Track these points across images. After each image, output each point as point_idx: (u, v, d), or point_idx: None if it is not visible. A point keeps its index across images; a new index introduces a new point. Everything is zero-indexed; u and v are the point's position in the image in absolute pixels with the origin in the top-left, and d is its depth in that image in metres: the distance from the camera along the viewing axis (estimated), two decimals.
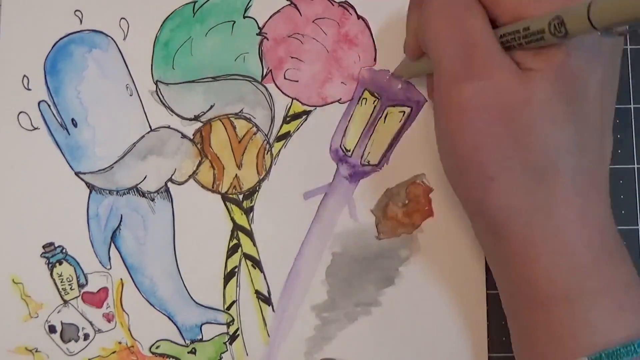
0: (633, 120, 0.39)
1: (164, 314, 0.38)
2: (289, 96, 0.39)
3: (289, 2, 0.39)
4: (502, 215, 0.29)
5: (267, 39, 0.39)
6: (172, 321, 0.38)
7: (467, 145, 0.29)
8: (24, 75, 0.39)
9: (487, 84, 0.28)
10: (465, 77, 0.29)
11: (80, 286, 0.38)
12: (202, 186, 0.38)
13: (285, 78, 0.39)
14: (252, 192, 0.38)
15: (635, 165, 0.39)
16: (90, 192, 0.38)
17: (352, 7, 0.39)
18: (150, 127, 0.38)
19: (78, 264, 0.38)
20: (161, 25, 0.39)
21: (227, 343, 0.38)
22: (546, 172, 0.28)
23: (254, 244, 0.38)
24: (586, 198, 0.29)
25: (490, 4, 0.29)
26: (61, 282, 0.38)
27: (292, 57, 0.39)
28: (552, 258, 0.29)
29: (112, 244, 0.38)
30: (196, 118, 0.39)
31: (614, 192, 0.38)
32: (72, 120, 0.38)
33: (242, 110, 0.39)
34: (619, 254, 0.30)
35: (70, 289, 0.38)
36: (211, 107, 0.39)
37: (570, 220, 0.29)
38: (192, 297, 0.38)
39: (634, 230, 0.38)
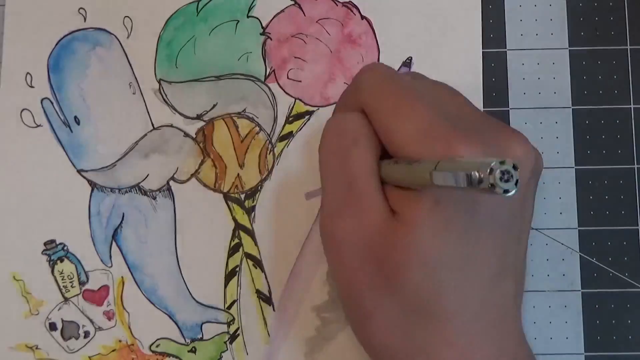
0: (633, 120, 0.39)
1: (165, 313, 0.38)
2: (291, 96, 0.39)
3: (292, 2, 0.39)
4: (383, 353, 0.29)
5: (271, 39, 0.39)
6: (172, 320, 0.38)
7: (344, 281, 0.29)
8: (27, 73, 0.39)
9: (359, 224, 0.28)
10: (339, 213, 0.29)
11: (81, 284, 0.38)
12: (204, 185, 0.38)
13: (288, 78, 0.39)
14: (254, 192, 0.38)
15: (635, 165, 0.39)
16: (92, 189, 0.38)
17: (356, 7, 0.39)
18: (152, 125, 0.39)
19: (79, 261, 0.38)
20: (165, 24, 0.39)
21: (228, 342, 0.38)
22: (423, 314, 0.28)
23: (256, 244, 0.38)
24: (470, 338, 0.28)
25: (385, 136, 0.29)
26: (62, 279, 0.38)
27: (295, 57, 0.39)
28: None
29: (114, 242, 0.38)
30: (199, 117, 0.39)
31: (614, 192, 0.38)
32: (75, 117, 0.38)
33: (244, 109, 0.39)
34: None
35: (71, 286, 0.38)
36: (214, 106, 0.39)
37: None
38: (192, 296, 0.38)
39: (634, 230, 0.38)
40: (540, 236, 0.38)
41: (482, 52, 0.39)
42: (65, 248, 0.38)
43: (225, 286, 0.38)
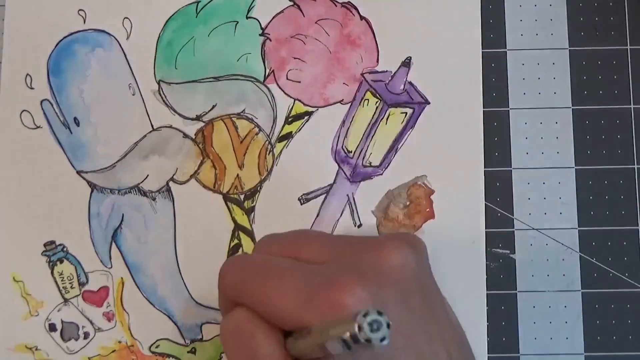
0: (633, 120, 0.39)
1: (164, 314, 0.38)
2: (291, 97, 0.39)
3: (291, 3, 0.39)
4: None
5: (270, 40, 0.39)
6: (172, 320, 0.38)
7: None
8: (27, 74, 0.39)
9: None
10: None
11: (81, 285, 0.38)
12: (204, 186, 0.38)
13: (287, 79, 0.39)
14: (253, 193, 0.38)
15: (635, 165, 0.39)
16: (92, 190, 0.38)
17: (355, 7, 0.39)
18: (152, 126, 0.39)
19: (79, 262, 0.38)
20: (164, 25, 0.39)
21: None
22: None
23: (255, 244, 0.38)
24: None
25: (272, 320, 0.29)
26: (62, 280, 0.38)
27: (294, 58, 0.39)
28: None
29: (113, 243, 0.38)
30: (198, 118, 0.39)
31: (614, 192, 0.38)
32: (75, 119, 0.39)
33: (244, 110, 0.39)
34: None
35: (71, 287, 0.38)
36: (213, 107, 0.39)
37: None
38: (192, 297, 0.38)
39: (634, 230, 0.38)
40: (540, 236, 0.38)
41: (482, 52, 0.39)
42: (64, 249, 0.38)
43: None
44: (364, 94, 0.39)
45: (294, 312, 0.28)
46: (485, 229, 0.38)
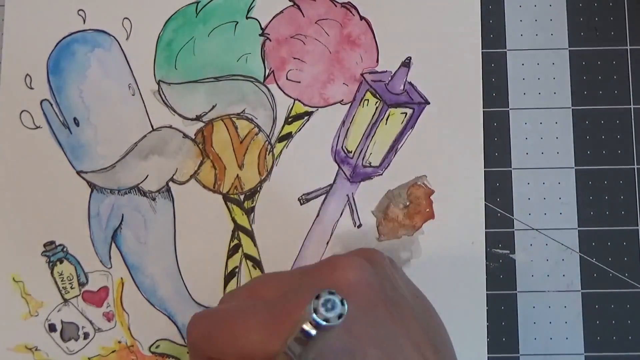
0: (633, 120, 0.39)
1: (164, 314, 0.38)
2: (291, 97, 0.39)
3: (291, 3, 0.39)
4: None
5: (270, 40, 0.39)
6: (172, 321, 0.38)
7: None
8: (27, 74, 0.39)
9: None
10: None
11: (81, 285, 0.38)
12: (204, 186, 0.38)
13: (287, 79, 0.39)
14: (253, 193, 0.38)
15: (635, 166, 0.39)
16: (92, 191, 0.38)
17: (355, 8, 0.39)
18: (152, 126, 0.39)
19: (79, 262, 0.38)
20: (164, 25, 0.39)
21: None
22: None
23: (255, 245, 0.38)
24: None
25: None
26: (62, 280, 0.38)
27: (294, 58, 0.39)
28: None
29: (113, 243, 0.38)
30: (198, 118, 0.39)
31: (614, 192, 0.38)
32: (74, 119, 0.39)
33: (244, 110, 0.39)
34: None
35: (71, 287, 0.38)
36: (213, 107, 0.39)
37: None
38: (192, 297, 0.38)
39: (634, 230, 0.38)
40: (540, 236, 0.38)
41: (483, 52, 0.39)
42: (64, 249, 0.38)
43: (225, 287, 0.38)
44: (364, 94, 0.39)
45: (262, 345, 0.28)
46: (485, 229, 0.38)
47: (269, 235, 0.38)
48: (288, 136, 0.39)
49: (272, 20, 0.39)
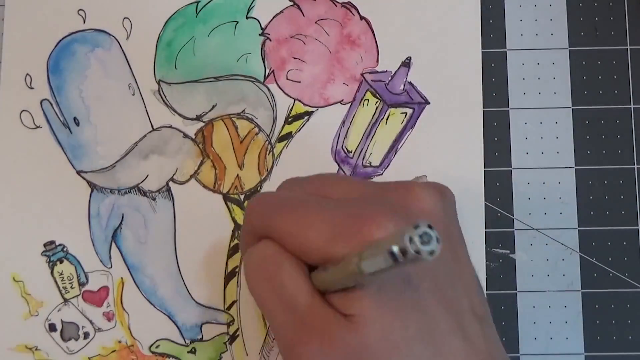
0: (633, 120, 0.39)
1: (164, 314, 0.38)
2: (291, 97, 0.39)
3: (291, 3, 0.39)
4: None
5: (270, 40, 0.39)
6: (172, 320, 0.38)
7: None
8: (27, 74, 0.39)
9: (320, 344, 0.27)
10: (298, 342, 0.28)
11: (81, 285, 0.38)
12: (204, 186, 0.38)
13: (287, 79, 0.39)
14: (253, 193, 0.38)
15: (635, 166, 0.39)
16: (92, 191, 0.38)
17: (355, 7, 0.39)
18: (152, 126, 0.39)
19: (79, 262, 0.38)
20: (164, 25, 0.39)
21: (227, 343, 0.38)
22: None
23: None
24: None
25: (301, 254, 0.28)
26: (62, 280, 0.38)
27: (294, 58, 0.39)
28: None
29: (113, 243, 0.38)
30: (198, 118, 0.39)
31: (614, 192, 0.38)
32: (75, 119, 0.39)
33: (244, 110, 0.39)
34: None
35: (71, 287, 0.38)
36: (213, 107, 0.39)
37: None
38: (192, 297, 0.38)
39: (634, 230, 0.38)
40: (540, 236, 0.38)
41: (483, 52, 0.39)
42: (64, 249, 0.38)
43: (225, 287, 0.38)
44: (364, 94, 0.39)
45: (322, 245, 0.27)
46: (485, 229, 0.38)
47: None
48: (288, 136, 0.39)
49: (272, 20, 0.39)
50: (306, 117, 0.39)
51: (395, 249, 0.22)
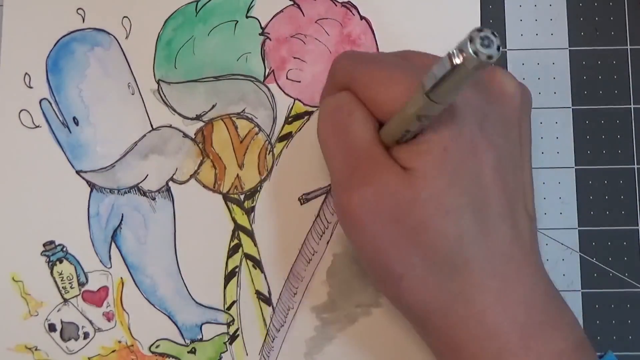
0: (633, 120, 0.39)
1: (164, 314, 0.38)
2: (291, 96, 0.39)
3: (291, 2, 0.39)
4: (419, 310, 0.29)
5: (270, 39, 0.39)
6: (172, 320, 0.38)
7: (368, 250, 0.29)
8: (26, 73, 0.39)
9: (373, 190, 0.28)
10: (351, 185, 0.29)
11: (81, 285, 0.38)
12: (204, 186, 0.38)
13: (287, 78, 0.39)
14: (253, 192, 0.38)
15: (635, 166, 0.39)
16: (91, 190, 0.38)
17: (355, 7, 0.39)
18: (151, 126, 0.38)
19: (78, 262, 0.38)
20: (163, 24, 0.39)
21: (227, 343, 0.38)
22: (453, 264, 0.28)
23: (255, 244, 0.38)
24: (502, 279, 0.29)
25: (374, 106, 0.30)
26: (61, 280, 0.38)
27: (294, 58, 0.39)
28: (478, 343, 0.28)
29: (113, 243, 0.38)
30: (198, 117, 0.38)
31: (614, 192, 0.38)
32: (74, 118, 0.38)
33: (244, 110, 0.39)
34: (550, 324, 0.29)
35: (71, 287, 0.38)
36: (213, 106, 0.38)
37: (489, 304, 0.28)
38: (192, 297, 0.38)
39: (634, 230, 0.38)
40: (540, 236, 0.38)
41: None
42: (64, 249, 0.38)
43: (225, 287, 0.38)
44: None
45: (398, 98, 0.28)
46: None
47: (269, 235, 0.38)
48: (288, 136, 0.38)
49: (272, 19, 0.39)
50: (306, 117, 0.39)
51: (456, 51, 0.22)
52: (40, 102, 0.38)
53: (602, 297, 0.38)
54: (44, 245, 0.38)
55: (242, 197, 0.38)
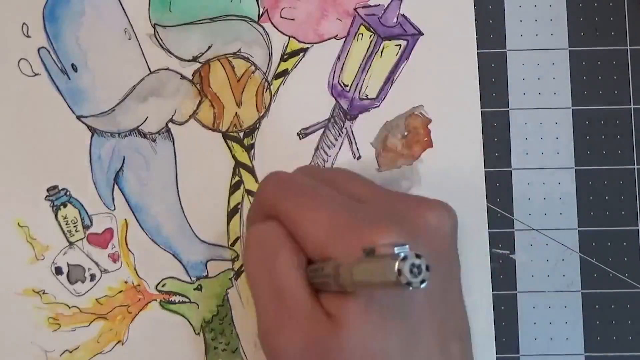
0: (633, 120, 0.39)
1: (169, 252, 0.38)
2: (285, 34, 0.39)
3: None
4: None
5: None
6: (177, 259, 0.38)
7: None
8: (24, 23, 0.39)
9: (296, 335, 0.28)
10: (276, 328, 0.28)
11: (85, 228, 0.38)
12: (203, 125, 0.39)
13: (281, 17, 0.39)
14: (252, 130, 0.39)
15: (635, 166, 0.39)
16: (92, 135, 0.38)
17: None
18: (149, 69, 0.39)
19: (82, 206, 0.38)
20: None
21: (233, 279, 0.38)
22: None
23: (256, 181, 0.38)
24: None
25: (300, 244, 0.29)
26: (66, 224, 0.38)
27: None
28: None
29: (116, 185, 0.38)
30: (195, 59, 0.39)
31: (614, 192, 0.38)
32: (72, 65, 0.39)
33: (239, 49, 0.39)
34: None
35: (76, 230, 0.38)
36: (209, 47, 0.39)
37: None
38: (196, 235, 0.38)
39: (634, 230, 0.38)
40: (540, 236, 0.38)
41: (482, 52, 0.39)
42: (67, 193, 0.38)
43: (228, 223, 0.38)
44: (358, 29, 0.39)
45: (322, 240, 0.28)
46: None
47: (270, 170, 0.38)
48: (284, 73, 0.39)
49: None
50: (301, 54, 0.39)
51: (387, 276, 0.22)
52: (38, 51, 0.39)
53: (602, 297, 0.38)
54: (48, 190, 0.38)
55: (241, 134, 0.39)
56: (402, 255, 0.22)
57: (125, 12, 0.39)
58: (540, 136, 0.39)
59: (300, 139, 0.38)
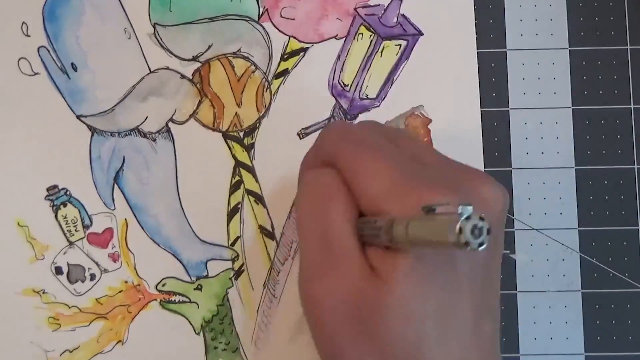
0: (633, 120, 0.39)
1: (169, 252, 0.38)
2: (285, 34, 0.39)
3: None
4: None
5: None
6: (177, 259, 0.38)
7: (325, 340, 0.28)
8: (23, 22, 0.39)
9: (339, 284, 0.28)
10: (319, 275, 0.28)
11: (85, 227, 0.38)
12: (203, 125, 0.39)
13: (281, 16, 0.39)
14: (252, 129, 0.39)
15: (635, 166, 0.39)
16: (92, 134, 0.38)
17: None
18: (149, 69, 0.39)
19: (82, 205, 0.38)
20: None
21: (233, 278, 0.38)
22: None
23: (256, 180, 0.38)
24: None
25: (356, 195, 0.28)
26: (66, 224, 0.38)
27: None
28: None
29: (116, 185, 0.38)
30: (195, 58, 0.39)
31: (614, 192, 0.38)
32: (72, 64, 0.39)
33: (239, 49, 0.39)
34: None
35: (76, 230, 0.38)
36: (209, 47, 0.39)
37: None
38: (196, 235, 0.38)
39: (634, 230, 0.38)
40: (540, 236, 0.38)
41: (482, 52, 0.39)
42: (67, 193, 0.38)
43: (228, 223, 0.38)
44: (358, 28, 0.39)
45: (380, 194, 0.27)
46: None
47: (270, 170, 0.38)
48: (284, 72, 0.39)
49: None
50: (301, 54, 0.39)
51: (447, 234, 0.22)
52: (38, 50, 0.39)
53: (602, 297, 0.38)
54: (48, 189, 0.38)
55: (241, 134, 0.39)
56: (465, 214, 0.22)
57: (125, 12, 0.39)
58: (540, 136, 0.39)
59: (300, 138, 0.38)
